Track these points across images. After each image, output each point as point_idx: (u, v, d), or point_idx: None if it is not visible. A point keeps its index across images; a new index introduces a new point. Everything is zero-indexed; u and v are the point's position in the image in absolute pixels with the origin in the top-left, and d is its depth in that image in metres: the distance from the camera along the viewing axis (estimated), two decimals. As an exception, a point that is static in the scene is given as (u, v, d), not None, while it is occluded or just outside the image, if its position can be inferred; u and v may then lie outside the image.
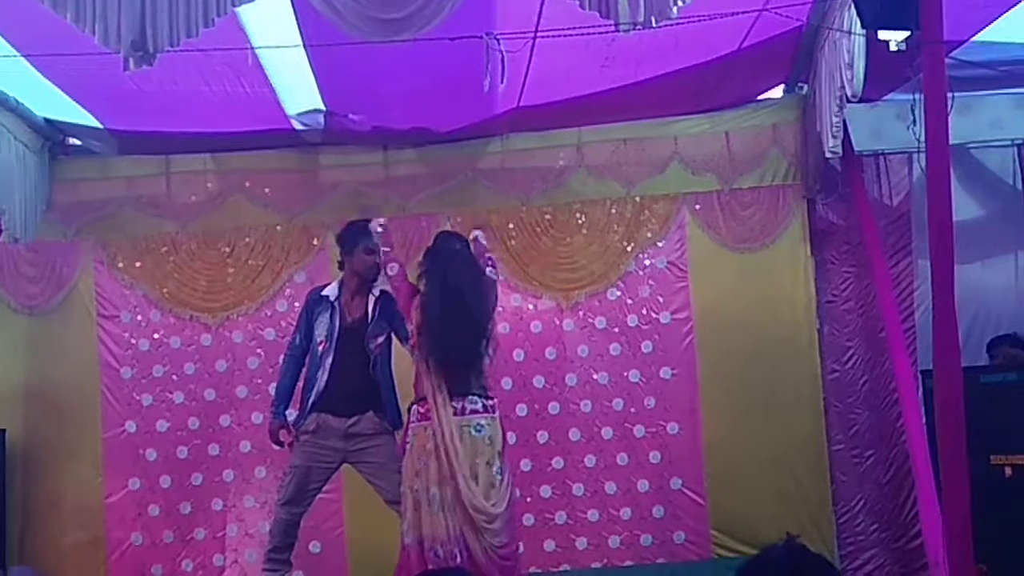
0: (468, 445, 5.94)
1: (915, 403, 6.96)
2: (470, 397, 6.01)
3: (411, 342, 6.16)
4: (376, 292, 6.50)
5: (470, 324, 6.04)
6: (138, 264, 7.91)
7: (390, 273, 6.08)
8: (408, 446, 6.07)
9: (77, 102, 7.08)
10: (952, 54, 6.16)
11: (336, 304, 6.46)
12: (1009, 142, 8.11)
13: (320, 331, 6.44)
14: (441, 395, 5.96)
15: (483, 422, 6.02)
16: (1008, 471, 7.04)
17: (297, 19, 5.90)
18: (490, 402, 6.11)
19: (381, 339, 6.47)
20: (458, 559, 5.87)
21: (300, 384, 6.60)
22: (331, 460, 6.48)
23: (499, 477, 6.02)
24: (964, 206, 7.51)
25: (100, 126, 7.48)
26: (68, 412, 7.79)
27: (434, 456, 5.93)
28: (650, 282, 7.87)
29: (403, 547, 6.06)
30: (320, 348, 6.42)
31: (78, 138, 7.86)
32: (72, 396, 7.80)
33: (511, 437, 7.61)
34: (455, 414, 5.95)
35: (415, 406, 6.08)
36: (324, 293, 6.53)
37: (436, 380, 5.97)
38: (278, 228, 7.93)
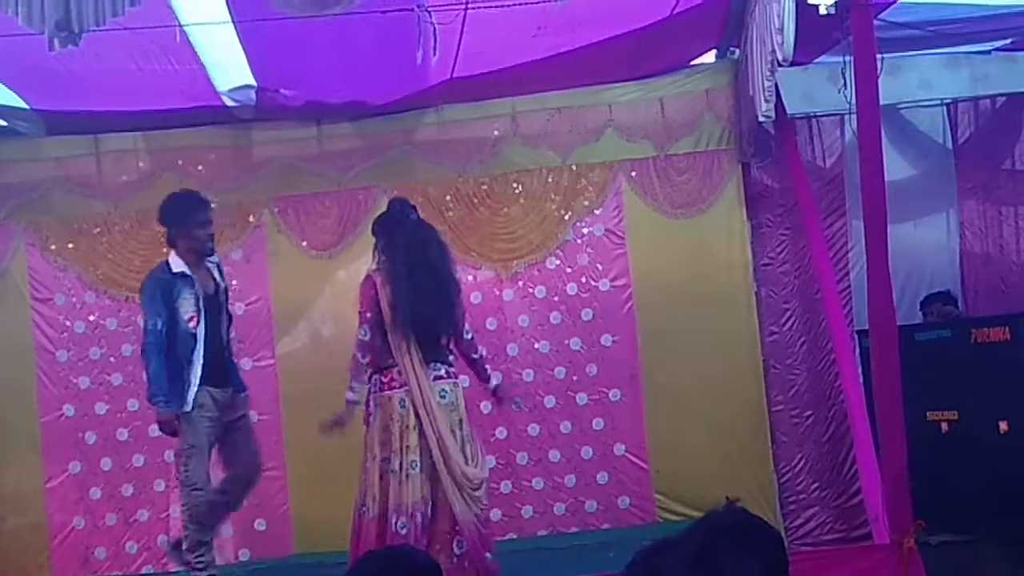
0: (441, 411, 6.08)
1: (852, 362, 7.05)
2: (434, 364, 6.14)
3: (363, 321, 6.18)
4: (214, 261, 6.50)
5: (442, 293, 6.16)
6: (71, 246, 7.80)
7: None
8: (371, 417, 6.14)
9: (1, 82, 6.95)
10: (880, 16, 6.21)
11: (194, 278, 6.34)
12: (938, 102, 8.22)
13: (187, 308, 6.27)
14: (414, 363, 6.03)
15: (447, 387, 6.16)
16: (944, 426, 7.18)
17: (225, -6, 5.83)
18: (452, 368, 6.23)
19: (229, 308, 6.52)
20: (421, 527, 5.94)
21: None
22: (217, 434, 6.38)
23: (468, 442, 6.17)
24: (895, 166, 7.61)
25: (26, 107, 7.35)
26: (4, 397, 7.68)
27: (406, 424, 6.01)
28: (588, 250, 7.89)
29: (359, 521, 6.09)
30: (191, 325, 6.27)
31: (4, 119, 7.70)
32: (7, 381, 7.70)
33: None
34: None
35: (376, 376, 6.14)
36: (176, 270, 6.32)
37: (409, 350, 6.04)
38: (212, 206, 7.83)
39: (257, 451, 6.58)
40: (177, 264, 6.33)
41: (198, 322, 6.29)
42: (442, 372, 6.17)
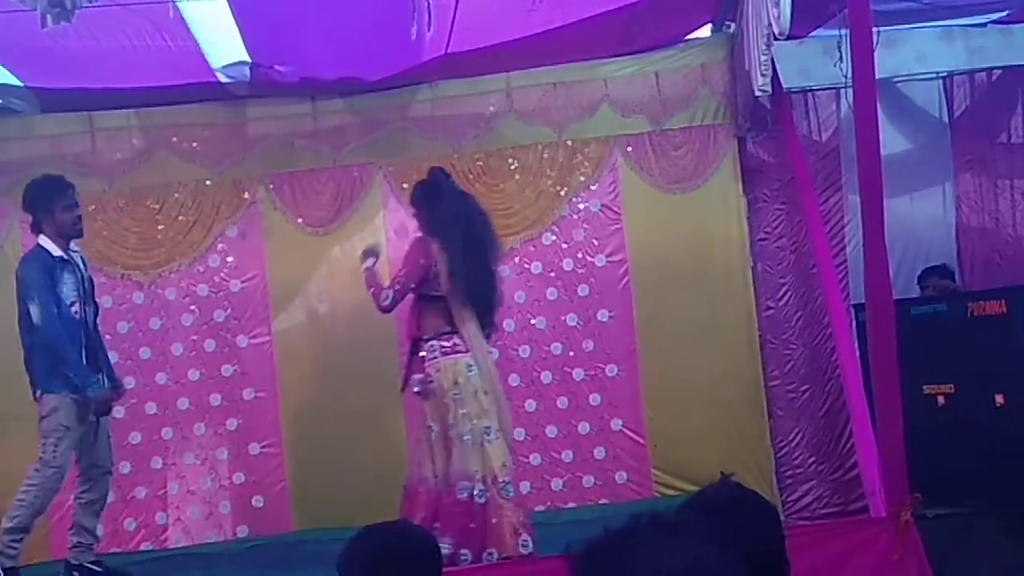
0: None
1: (848, 337, 7.05)
2: (487, 337, 6.37)
3: (394, 281, 6.27)
4: (76, 249, 6.42)
5: (491, 264, 6.36)
6: (65, 223, 7.77)
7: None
8: (431, 383, 6.17)
9: (-5, 60, 6.93)
10: (876, -12, 6.18)
11: (72, 262, 6.29)
12: (934, 75, 8.21)
13: (68, 293, 6.21)
14: (474, 334, 6.20)
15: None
16: (940, 400, 7.19)
17: (218, -30, 5.80)
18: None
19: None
20: (477, 496, 6.04)
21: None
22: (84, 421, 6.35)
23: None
24: (892, 140, 7.62)
25: (20, 84, 7.32)
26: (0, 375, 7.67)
27: (475, 388, 6.15)
28: (584, 226, 7.88)
29: (415, 491, 6.17)
30: (73, 309, 6.22)
31: (-2, 97, 7.70)
32: (2, 358, 7.66)
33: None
34: None
35: (435, 341, 6.20)
36: (55, 253, 6.23)
37: (468, 320, 6.20)
38: (207, 183, 7.82)
39: (111, 449, 6.52)
40: (54, 248, 6.25)
41: (79, 307, 6.27)
42: (490, 347, 6.44)
